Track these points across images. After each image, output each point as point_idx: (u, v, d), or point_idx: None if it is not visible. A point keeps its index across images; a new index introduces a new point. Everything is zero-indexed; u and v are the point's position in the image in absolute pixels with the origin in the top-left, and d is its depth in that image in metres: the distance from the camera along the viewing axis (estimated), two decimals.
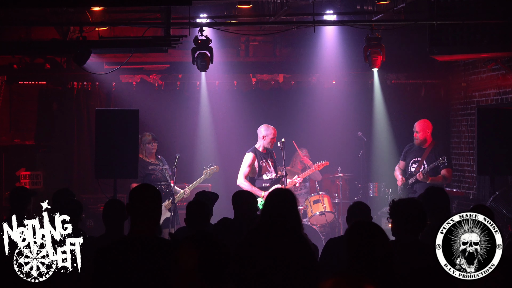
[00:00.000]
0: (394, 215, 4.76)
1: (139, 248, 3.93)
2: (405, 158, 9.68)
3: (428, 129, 9.53)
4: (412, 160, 9.53)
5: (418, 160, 9.47)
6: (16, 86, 11.45)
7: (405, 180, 9.52)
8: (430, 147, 9.47)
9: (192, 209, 5.96)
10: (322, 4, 9.44)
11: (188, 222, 5.94)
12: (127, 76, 11.40)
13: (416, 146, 9.55)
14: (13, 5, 7.92)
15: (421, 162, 9.40)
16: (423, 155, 9.43)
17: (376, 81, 11.25)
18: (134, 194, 4.08)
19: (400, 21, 9.45)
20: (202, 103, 11.47)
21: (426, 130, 9.51)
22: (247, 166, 9.35)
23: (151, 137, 9.57)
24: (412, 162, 9.51)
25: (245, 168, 9.36)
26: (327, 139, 11.54)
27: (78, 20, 9.55)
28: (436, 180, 9.23)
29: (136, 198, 4.05)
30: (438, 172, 9.32)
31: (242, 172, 9.38)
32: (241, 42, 11.71)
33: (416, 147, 9.55)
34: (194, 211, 5.94)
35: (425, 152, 9.45)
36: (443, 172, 9.30)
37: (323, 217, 10.28)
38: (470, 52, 9.28)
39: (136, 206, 4.01)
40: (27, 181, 10.97)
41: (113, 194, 8.46)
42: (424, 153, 9.44)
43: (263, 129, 9.59)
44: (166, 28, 8.75)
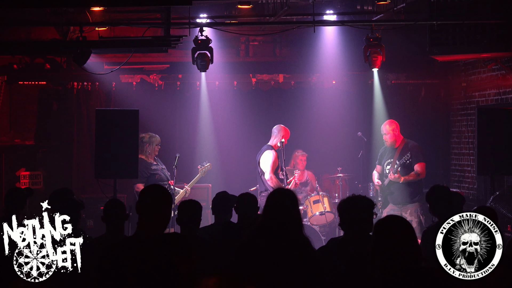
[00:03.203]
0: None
1: (143, 249, 3.93)
2: (380, 161, 9.64)
3: (395, 129, 9.46)
4: (386, 162, 9.49)
5: (391, 161, 9.42)
6: (16, 86, 11.45)
7: (381, 182, 9.48)
8: (400, 146, 9.42)
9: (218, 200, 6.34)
10: (322, 4, 9.44)
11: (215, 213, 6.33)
12: (127, 76, 11.40)
13: (389, 148, 9.52)
14: (13, 5, 7.92)
15: (393, 163, 9.31)
16: (394, 156, 9.39)
17: (376, 81, 11.25)
18: (145, 194, 4.10)
19: (400, 21, 9.45)
20: (202, 103, 11.47)
21: (393, 131, 9.45)
22: (272, 162, 9.31)
23: (159, 139, 9.63)
24: (386, 164, 9.44)
25: (271, 163, 9.30)
26: (327, 139, 11.54)
27: (78, 20, 9.55)
28: (409, 178, 9.17)
29: (145, 198, 4.07)
30: (411, 169, 9.28)
31: (269, 167, 9.30)
32: (241, 42, 11.70)
33: (389, 148, 9.51)
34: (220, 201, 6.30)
35: (396, 152, 9.40)
36: (415, 168, 9.20)
37: (323, 217, 10.29)
38: (470, 52, 9.28)
39: (145, 206, 4.03)
40: (27, 181, 10.98)
41: (113, 194, 8.46)
42: (395, 153, 9.40)
43: (280, 128, 9.55)
44: (166, 28, 8.75)
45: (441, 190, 6.25)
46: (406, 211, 9.22)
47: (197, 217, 5.75)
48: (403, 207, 9.24)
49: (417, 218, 9.16)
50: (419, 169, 9.21)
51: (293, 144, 10.36)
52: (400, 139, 9.44)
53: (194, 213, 5.74)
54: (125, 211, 5.99)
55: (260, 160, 9.43)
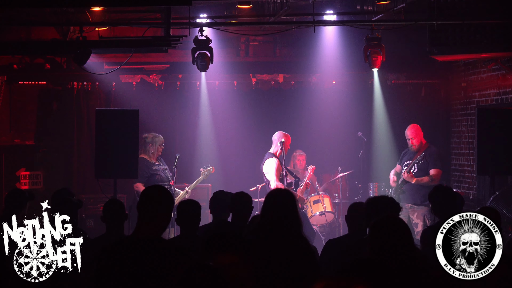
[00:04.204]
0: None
1: (142, 249, 3.93)
2: (401, 161, 9.73)
3: (421, 133, 9.56)
4: (405, 163, 9.57)
5: (409, 162, 9.50)
6: (16, 86, 11.45)
7: (396, 179, 9.55)
8: (422, 149, 9.49)
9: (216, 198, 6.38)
10: (322, 4, 9.44)
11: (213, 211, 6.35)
12: (127, 76, 11.40)
13: (411, 150, 9.60)
14: (13, 5, 7.92)
15: (411, 164, 9.43)
16: (414, 157, 9.47)
17: (376, 81, 11.25)
18: (146, 194, 4.10)
19: (400, 21, 9.45)
20: (202, 103, 11.47)
21: (420, 135, 9.54)
22: (276, 170, 9.09)
23: (163, 140, 9.63)
24: (405, 165, 9.54)
25: (275, 171, 9.07)
26: (327, 139, 11.54)
27: (78, 20, 9.55)
28: (422, 180, 9.25)
29: (146, 198, 4.07)
30: (426, 172, 9.32)
31: (273, 176, 9.06)
32: (241, 42, 11.70)
33: (411, 150, 9.60)
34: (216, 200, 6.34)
35: (416, 154, 9.48)
36: (431, 172, 9.31)
37: (323, 217, 10.29)
38: (470, 52, 9.28)
39: (146, 206, 4.03)
40: (27, 181, 10.97)
41: (113, 194, 8.46)
42: (415, 156, 9.47)
43: (281, 135, 9.39)
44: (166, 28, 8.75)
45: (445, 191, 6.24)
46: (414, 213, 9.27)
47: (196, 217, 5.71)
48: (411, 208, 9.30)
49: (423, 222, 9.20)
50: (434, 174, 9.28)
51: (293, 144, 10.35)
52: (424, 143, 9.51)
53: (193, 214, 5.70)
54: (124, 211, 5.99)
55: (263, 169, 9.26)
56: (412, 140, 9.52)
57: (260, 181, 9.64)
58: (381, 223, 3.83)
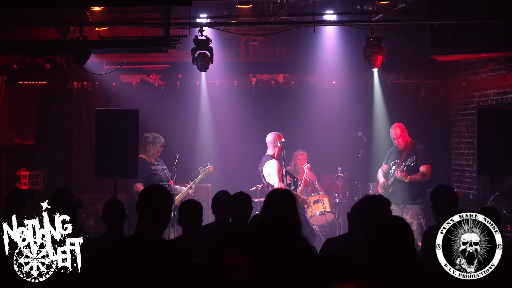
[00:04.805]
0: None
1: (144, 250, 3.94)
2: (387, 161, 9.71)
3: (406, 132, 9.58)
4: (392, 162, 9.56)
5: (397, 161, 9.49)
6: (16, 86, 11.45)
7: (386, 181, 9.53)
8: (408, 148, 9.50)
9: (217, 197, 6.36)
10: (322, 4, 9.44)
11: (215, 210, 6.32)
12: (127, 76, 11.40)
13: (397, 149, 9.59)
14: (13, 5, 7.92)
15: (399, 163, 9.42)
16: (401, 156, 9.47)
17: (376, 81, 11.26)
18: (144, 194, 4.10)
19: (400, 21, 9.45)
20: (202, 103, 11.47)
21: (404, 134, 9.55)
22: (277, 172, 8.99)
23: (163, 141, 9.63)
24: (392, 164, 9.53)
25: (277, 174, 8.98)
26: (327, 139, 11.54)
27: (78, 20, 9.56)
28: (415, 177, 9.25)
29: (145, 198, 4.07)
30: (416, 171, 9.33)
31: (276, 178, 8.95)
32: (241, 42, 11.70)
33: (397, 150, 9.59)
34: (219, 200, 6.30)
35: (403, 153, 9.47)
36: (421, 169, 9.32)
37: (323, 217, 10.29)
38: (470, 52, 9.28)
39: (145, 206, 4.03)
40: (27, 181, 10.98)
41: (113, 194, 8.46)
42: (402, 154, 9.47)
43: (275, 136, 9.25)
44: (166, 28, 8.74)
45: (447, 190, 6.23)
46: (407, 213, 9.25)
47: (198, 218, 5.68)
48: (404, 208, 9.28)
49: (417, 221, 9.19)
50: (425, 171, 9.30)
51: (293, 144, 10.36)
52: (408, 141, 9.51)
53: (195, 214, 5.67)
54: (124, 211, 5.99)
55: (263, 172, 9.16)
56: (398, 140, 9.53)
57: (260, 181, 9.64)
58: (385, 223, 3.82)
